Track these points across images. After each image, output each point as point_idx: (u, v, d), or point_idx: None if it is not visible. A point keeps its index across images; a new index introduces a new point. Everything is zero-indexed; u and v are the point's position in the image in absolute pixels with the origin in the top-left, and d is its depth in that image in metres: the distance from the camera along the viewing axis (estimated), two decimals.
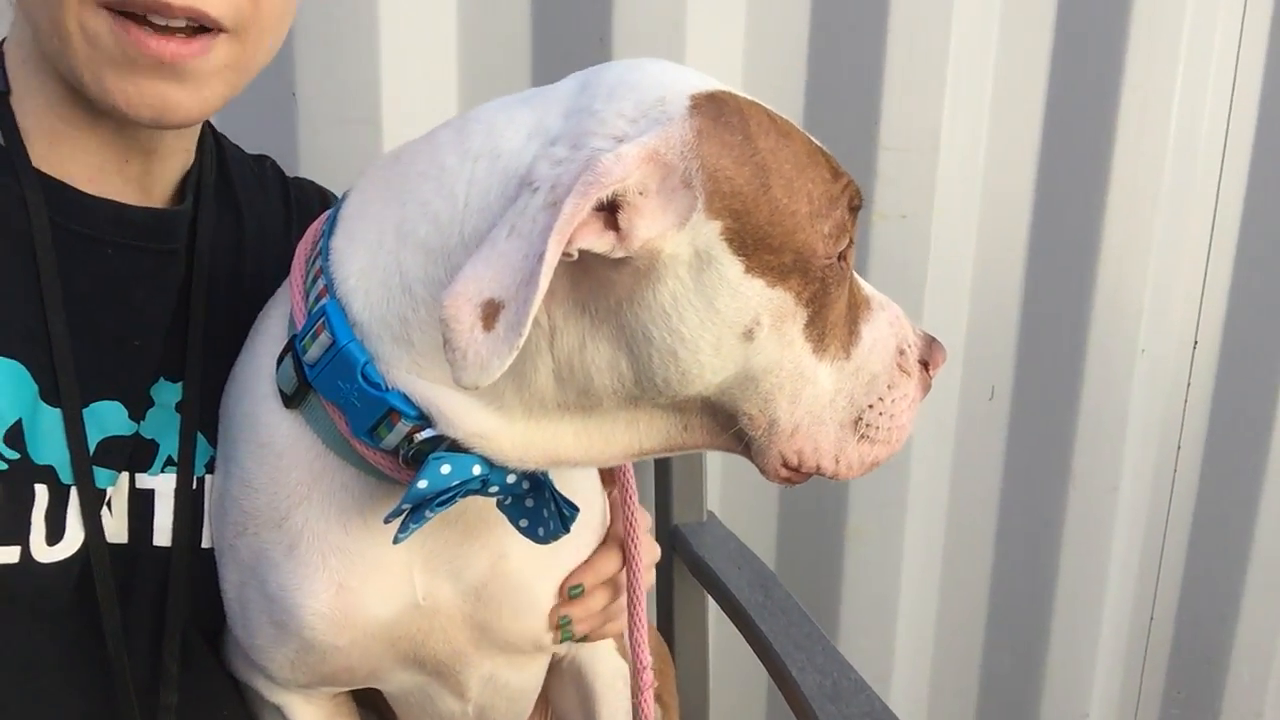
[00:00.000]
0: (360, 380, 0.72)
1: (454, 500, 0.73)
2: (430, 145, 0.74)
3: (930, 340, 0.82)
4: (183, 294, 0.89)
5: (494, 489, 0.75)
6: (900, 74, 1.53)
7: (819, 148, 0.72)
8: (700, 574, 1.37)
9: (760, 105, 0.71)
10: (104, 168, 0.85)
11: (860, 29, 1.52)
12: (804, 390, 0.73)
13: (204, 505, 0.87)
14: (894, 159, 1.56)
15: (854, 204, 0.72)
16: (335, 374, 0.73)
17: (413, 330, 0.71)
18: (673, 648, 1.46)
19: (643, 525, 0.93)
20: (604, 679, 0.99)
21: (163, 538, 0.86)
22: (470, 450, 0.72)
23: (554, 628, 0.89)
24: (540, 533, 0.77)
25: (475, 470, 0.72)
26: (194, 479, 0.87)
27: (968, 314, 1.71)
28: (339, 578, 0.80)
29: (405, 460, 0.73)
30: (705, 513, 1.46)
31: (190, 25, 0.76)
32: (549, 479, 0.76)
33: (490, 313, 0.60)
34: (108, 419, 0.84)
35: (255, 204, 0.99)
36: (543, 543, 0.78)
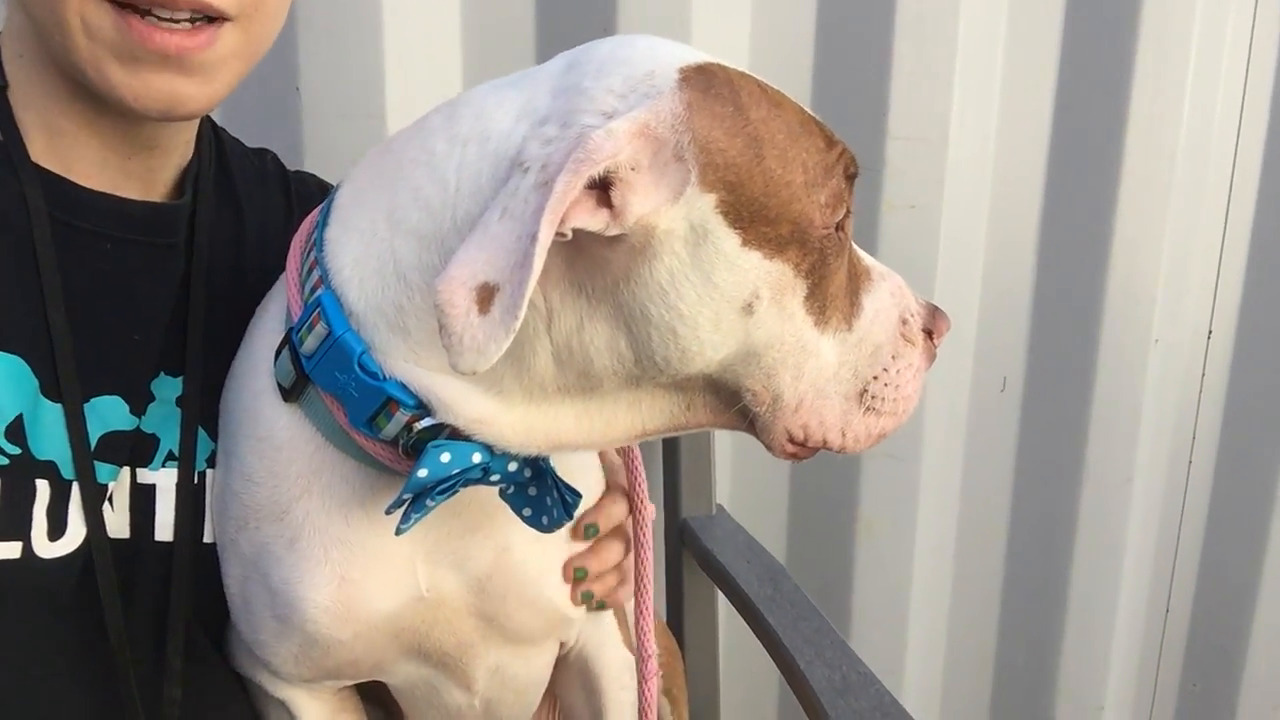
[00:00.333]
0: (357, 370, 0.71)
1: (455, 489, 0.72)
2: (420, 132, 0.74)
3: (933, 309, 0.81)
4: (183, 288, 0.89)
5: (495, 477, 0.74)
6: (909, 63, 1.52)
7: (812, 117, 0.72)
8: (709, 568, 1.36)
9: (751, 76, 0.71)
10: (105, 162, 0.85)
11: (868, 17, 1.51)
12: (807, 364, 0.73)
13: (205, 500, 0.87)
14: (903, 149, 1.55)
15: (850, 172, 0.72)
16: (332, 365, 0.72)
17: (409, 318, 0.71)
18: (682, 642, 1.46)
19: (649, 512, 0.93)
20: (610, 672, 0.99)
21: (164, 533, 0.86)
22: (471, 437, 0.71)
23: (569, 580, 0.89)
24: (544, 521, 0.77)
25: (475, 458, 0.71)
26: (195, 474, 0.87)
27: (979, 305, 1.69)
28: (341, 570, 0.80)
29: (405, 450, 0.73)
30: (714, 506, 1.46)
31: (194, 16, 0.76)
32: (551, 466, 0.76)
33: (485, 296, 0.60)
34: (109, 414, 0.84)
35: (255, 197, 0.99)
36: (546, 531, 0.78)
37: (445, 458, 0.70)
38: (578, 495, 0.76)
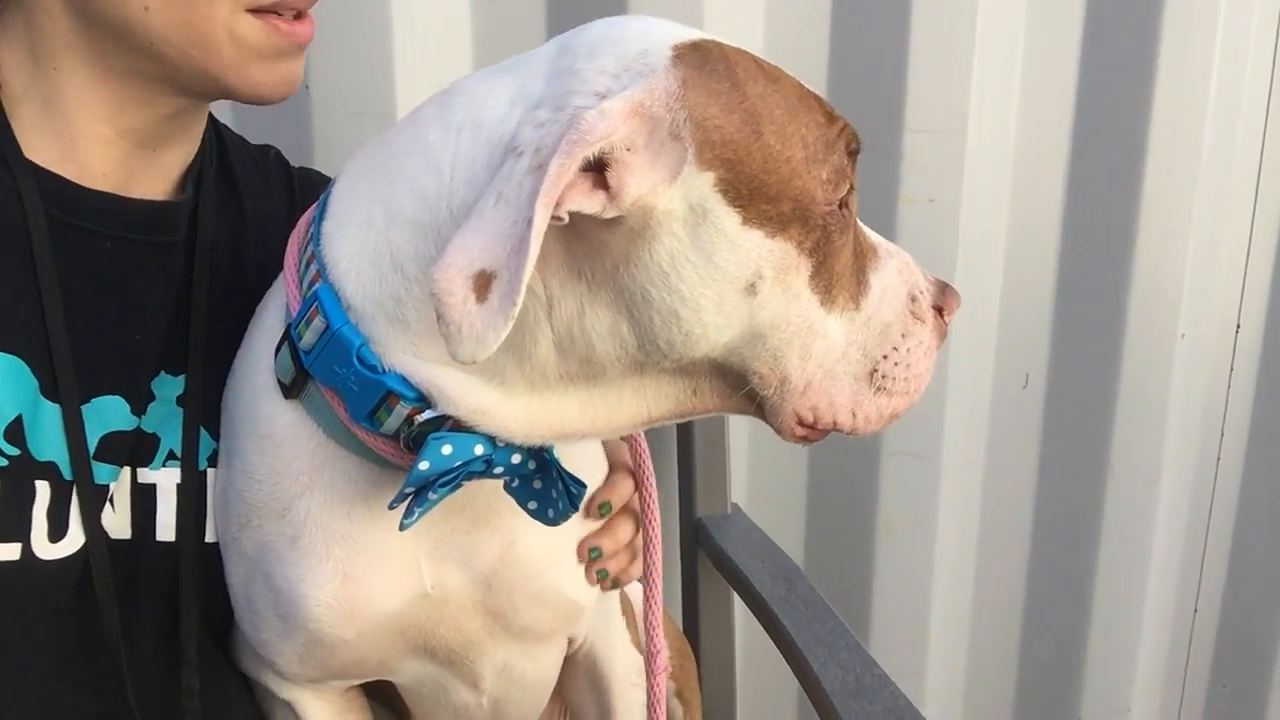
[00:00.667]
0: (356, 364, 0.71)
1: (458, 482, 0.72)
2: (414, 123, 0.74)
3: (943, 285, 0.80)
4: (184, 286, 0.89)
5: (499, 470, 0.73)
6: (926, 53, 1.49)
7: (810, 92, 0.71)
8: (724, 568, 1.35)
9: (747, 52, 0.70)
10: (124, 161, 0.85)
11: (884, 6, 1.49)
12: (814, 344, 0.72)
13: (207, 499, 0.86)
14: (921, 141, 1.53)
15: (852, 148, 0.71)
16: (331, 359, 0.72)
17: (407, 309, 0.70)
18: (697, 643, 1.45)
19: (655, 502, 0.92)
20: (619, 672, 0.98)
21: (166, 533, 0.86)
22: (474, 428, 0.71)
23: (583, 560, 0.88)
24: (550, 514, 0.76)
25: (477, 450, 0.71)
26: (197, 473, 0.86)
27: (1000, 300, 1.67)
28: (344, 567, 0.79)
29: (407, 444, 0.72)
30: (729, 505, 1.45)
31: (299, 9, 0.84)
32: (555, 457, 0.75)
33: (482, 284, 0.59)
34: (109, 414, 0.83)
35: (258, 194, 0.98)
36: (552, 524, 0.77)
37: (447, 450, 0.70)
38: (582, 486, 0.76)
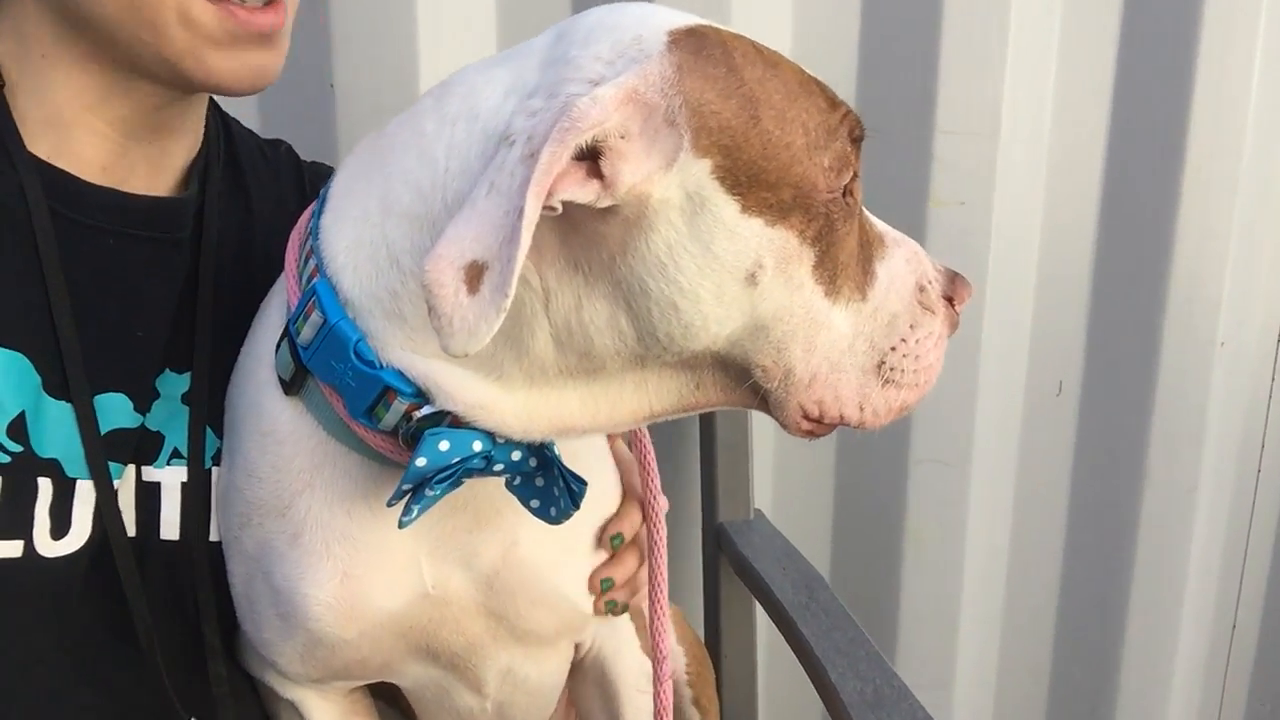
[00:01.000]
0: (353, 359, 0.70)
1: (457, 479, 0.71)
2: (411, 115, 0.73)
3: (952, 274, 0.78)
4: (189, 284, 0.88)
5: (499, 467, 0.72)
6: (958, 53, 1.47)
7: (812, 77, 0.70)
8: (745, 574, 1.33)
9: (745, 37, 0.69)
10: (119, 154, 0.84)
11: (915, 6, 1.46)
12: (818, 336, 0.70)
13: (212, 498, 0.86)
14: (952, 143, 1.51)
15: (855, 135, 0.69)
16: (328, 354, 0.71)
17: (404, 303, 0.69)
18: (719, 650, 1.42)
19: (660, 503, 0.91)
20: (627, 678, 0.97)
21: (170, 531, 0.86)
22: (473, 424, 0.70)
23: (596, 593, 0.88)
24: (552, 512, 0.75)
25: (476, 446, 0.70)
26: (202, 471, 0.85)
27: (1033, 305, 1.64)
28: (344, 566, 0.78)
29: (405, 440, 0.72)
30: (752, 511, 1.42)
31: None
32: (556, 454, 0.74)
33: (474, 275, 0.58)
34: (113, 411, 0.84)
35: (267, 188, 0.98)
36: (555, 523, 0.76)
37: (444, 445, 0.69)
38: (583, 483, 0.74)
